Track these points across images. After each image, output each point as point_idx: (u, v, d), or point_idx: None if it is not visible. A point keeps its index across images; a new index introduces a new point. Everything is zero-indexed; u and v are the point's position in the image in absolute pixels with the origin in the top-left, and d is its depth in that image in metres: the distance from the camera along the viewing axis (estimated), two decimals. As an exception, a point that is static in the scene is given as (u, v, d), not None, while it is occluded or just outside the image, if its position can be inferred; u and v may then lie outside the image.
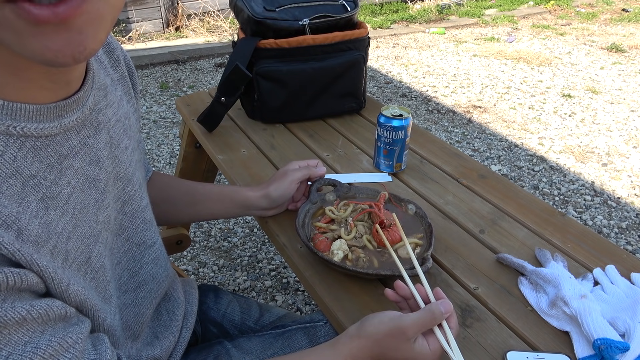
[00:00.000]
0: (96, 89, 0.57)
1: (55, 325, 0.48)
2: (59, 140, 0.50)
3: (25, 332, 0.45)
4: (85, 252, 0.54)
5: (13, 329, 0.44)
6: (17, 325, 0.44)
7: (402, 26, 4.92)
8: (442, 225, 0.94)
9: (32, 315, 0.45)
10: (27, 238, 0.46)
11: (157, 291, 0.71)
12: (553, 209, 0.99)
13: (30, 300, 0.46)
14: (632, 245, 2.04)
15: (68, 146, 0.51)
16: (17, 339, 0.44)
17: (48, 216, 0.48)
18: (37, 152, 0.48)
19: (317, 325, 0.88)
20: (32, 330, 0.45)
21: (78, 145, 0.53)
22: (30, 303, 0.45)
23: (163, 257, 0.73)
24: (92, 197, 0.56)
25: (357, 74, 1.29)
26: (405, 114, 1.05)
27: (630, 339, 0.67)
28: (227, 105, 1.23)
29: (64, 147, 0.51)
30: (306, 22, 1.22)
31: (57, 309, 0.48)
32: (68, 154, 0.51)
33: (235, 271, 1.92)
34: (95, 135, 0.56)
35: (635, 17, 5.14)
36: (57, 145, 0.50)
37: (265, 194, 0.90)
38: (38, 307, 0.45)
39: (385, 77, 3.68)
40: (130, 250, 0.66)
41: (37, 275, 0.46)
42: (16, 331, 0.44)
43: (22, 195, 0.46)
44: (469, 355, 0.68)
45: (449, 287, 0.80)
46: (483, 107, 3.21)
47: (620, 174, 2.50)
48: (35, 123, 0.47)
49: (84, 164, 0.54)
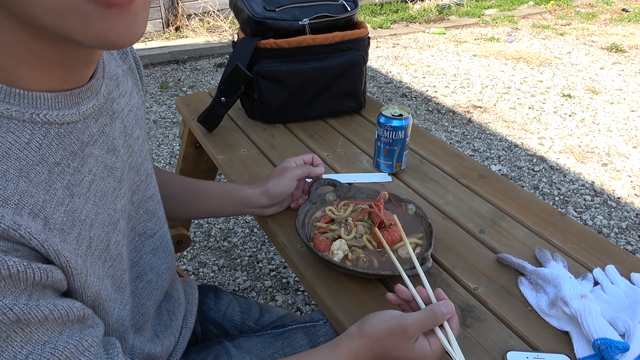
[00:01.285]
0: (108, 78, 0.58)
1: (72, 327, 0.48)
2: (80, 128, 0.51)
3: (44, 332, 0.45)
4: (105, 240, 0.55)
5: (34, 328, 0.44)
6: (39, 324, 0.44)
7: (402, 26, 4.93)
8: (442, 225, 0.94)
9: (53, 315, 0.45)
10: (53, 226, 0.46)
11: (157, 282, 0.71)
12: (553, 209, 0.99)
13: (53, 299, 0.46)
14: (632, 245, 2.04)
15: (88, 134, 0.53)
16: (37, 338, 0.44)
17: (73, 203, 0.49)
18: (61, 140, 0.48)
19: (316, 325, 0.88)
20: (52, 330, 0.45)
21: (97, 133, 0.54)
22: (53, 302, 0.45)
23: (163, 248, 0.72)
24: (111, 186, 0.57)
25: (357, 74, 1.29)
26: (405, 114, 1.05)
27: (630, 339, 0.67)
28: (227, 105, 1.23)
29: (85, 134, 0.52)
30: (306, 22, 1.22)
31: (76, 310, 0.48)
32: (89, 141, 0.53)
33: (235, 271, 1.92)
34: (111, 123, 0.57)
35: (635, 17, 5.14)
36: (78, 132, 0.51)
37: (264, 190, 0.90)
38: (60, 307, 0.46)
39: (385, 77, 3.68)
40: (133, 240, 0.66)
41: (61, 271, 0.47)
42: (37, 330, 0.44)
43: (49, 183, 0.47)
44: (469, 355, 0.68)
45: (449, 287, 0.80)
46: (483, 107, 3.21)
47: (620, 174, 2.50)
48: (55, 110, 0.47)
49: (103, 152, 0.55)
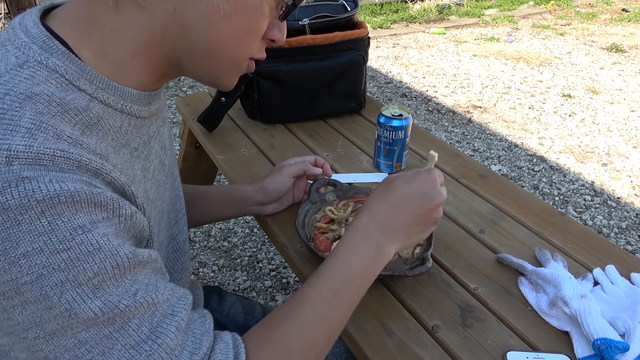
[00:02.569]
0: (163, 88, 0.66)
1: (161, 277, 0.53)
2: (148, 123, 0.60)
3: (146, 274, 0.50)
4: (157, 226, 0.61)
5: (139, 269, 0.49)
6: (143, 266, 0.49)
7: (402, 26, 4.92)
8: (442, 225, 0.94)
9: (152, 258, 0.51)
10: (138, 199, 0.53)
11: None
12: (553, 209, 0.99)
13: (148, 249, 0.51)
14: (632, 245, 2.04)
15: (153, 129, 0.62)
16: (141, 279, 0.49)
17: (145, 184, 0.58)
18: (138, 130, 0.58)
19: None
20: (150, 274, 0.50)
21: (156, 130, 0.63)
22: (149, 250, 0.51)
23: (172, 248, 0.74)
24: (162, 179, 0.65)
25: (357, 74, 1.29)
26: (405, 114, 1.05)
27: (630, 339, 0.67)
28: (227, 105, 1.23)
29: (151, 129, 0.61)
30: (306, 22, 1.22)
31: (161, 262, 0.54)
32: (153, 136, 0.62)
33: (235, 271, 1.92)
34: (163, 125, 0.66)
35: (635, 17, 5.14)
36: (147, 127, 0.60)
37: (260, 187, 0.91)
38: (153, 254, 0.51)
39: (385, 77, 3.68)
40: None
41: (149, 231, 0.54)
42: (140, 271, 0.49)
43: (131, 163, 0.55)
44: (469, 355, 0.68)
45: (449, 287, 0.80)
46: (483, 107, 3.21)
47: (620, 174, 2.50)
48: (136, 105, 0.56)
49: (159, 148, 0.64)
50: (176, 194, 0.75)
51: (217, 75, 0.58)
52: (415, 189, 0.66)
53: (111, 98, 0.52)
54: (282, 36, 0.60)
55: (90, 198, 0.44)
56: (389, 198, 0.66)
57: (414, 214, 0.65)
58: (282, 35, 0.60)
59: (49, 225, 0.42)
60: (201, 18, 0.51)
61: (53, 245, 0.42)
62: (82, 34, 0.51)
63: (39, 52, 0.48)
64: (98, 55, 0.51)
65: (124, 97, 0.54)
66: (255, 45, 0.57)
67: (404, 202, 0.65)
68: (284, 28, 0.60)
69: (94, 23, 0.50)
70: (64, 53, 0.49)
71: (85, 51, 0.51)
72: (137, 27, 0.51)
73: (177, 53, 0.54)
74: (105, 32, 0.51)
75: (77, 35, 0.51)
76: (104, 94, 0.51)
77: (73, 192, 0.43)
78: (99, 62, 0.51)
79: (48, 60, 0.48)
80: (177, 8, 0.50)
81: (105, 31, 0.51)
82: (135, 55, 0.53)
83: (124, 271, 0.47)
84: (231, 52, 0.55)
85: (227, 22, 0.52)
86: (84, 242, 0.44)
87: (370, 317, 0.74)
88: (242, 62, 0.58)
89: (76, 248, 0.43)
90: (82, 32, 0.51)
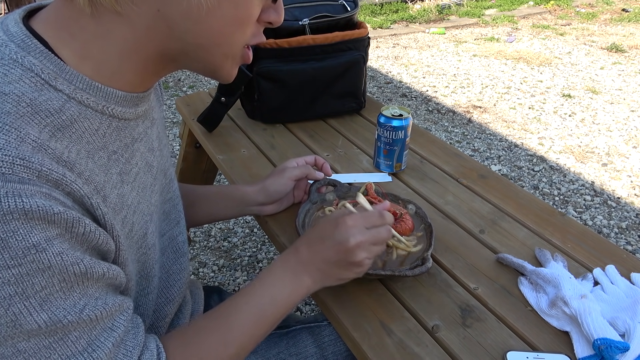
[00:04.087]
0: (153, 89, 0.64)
1: (114, 291, 0.54)
2: (132, 125, 0.58)
3: (97, 289, 0.50)
4: (143, 228, 0.61)
5: (91, 283, 0.49)
6: (95, 281, 0.49)
7: (402, 26, 4.92)
8: (442, 225, 0.94)
9: (107, 276, 0.50)
10: (109, 204, 0.53)
11: (168, 281, 0.73)
12: (553, 209, 0.99)
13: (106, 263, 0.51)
14: (632, 245, 2.04)
15: (137, 131, 0.60)
16: (91, 293, 0.49)
17: (123, 189, 0.56)
18: (119, 132, 0.56)
19: (321, 326, 0.89)
20: (102, 289, 0.51)
21: (143, 132, 0.61)
22: (108, 265, 0.51)
23: (172, 249, 0.74)
24: (149, 181, 0.64)
25: (357, 74, 1.29)
26: (405, 114, 1.05)
27: (630, 339, 0.67)
28: (227, 105, 1.23)
29: (135, 131, 0.59)
30: (306, 22, 1.22)
31: (122, 278, 0.54)
32: (137, 138, 0.60)
33: (235, 271, 1.92)
34: (151, 127, 0.65)
35: (635, 17, 5.14)
36: (131, 129, 0.58)
37: (261, 187, 0.91)
38: (113, 269, 0.51)
39: (385, 77, 3.68)
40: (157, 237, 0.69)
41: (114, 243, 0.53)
42: (92, 285, 0.49)
43: (107, 167, 0.54)
44: (469, 355, 0.68)
45: (449, 287, 0.80)
46: (483, 107, 3.21)
47: (620, 174, 2.50)
48: (120, 106, 0.55)
49: (145, 150, 0.62)
50: (172, 195, 0.75)
51: (213, 68, 0.57)
52: (323, 228, 0.69)
53: (91, 99, 0.51)
54: (278, 17, 0.58)
55: (44, 216, 0.43)
56: (309, 234, 0.70)
57: (326, 256, 0.67)
58: (278, 16, 0.58)
59: (2, 242, 0.42)
60: (185, 16, 0.50)
61: (4, 261, 0.42)
62: (63, 35, 0.50)
63: (15, 50, 0.47)
64: (80, 56, 0.50)
65: (106, 98, 0.52)
66: (248, 33, 0.56)
67: (314, 240, 0.69)
68: (280, 8, 0.58)
69: (76, 25, 0.49)
70: (42, 52, 0.48)
71: (67, 51, 0.50)
72: (119, 31, 0.50)
73: (170, 51, 0.53)
74: (88, 34, 0.50)
75: (58, 35, 0.50)
76: (83, 94, 0.50)
77: (28, 210, 0.42)
78: (81, 62, 0.50)
79: (24, 59, 0.47)
80: (160, 9, 0.49)
81: (87, 33, 0.50)
82: (122, 57, 0.52)
83: (72, 285, 0.47)
84: (223, 45, 0.54)
85: (213, 17, 0.51)
86: (35, 260, 0.43)
87: (370, 317, 0.74)
88: (236, 52, 0.57)
89: (27, 265, 0.43)
90: (64, 33, 0.50)
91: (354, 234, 0.66)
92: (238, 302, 0.64)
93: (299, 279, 0.67)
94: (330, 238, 0.67)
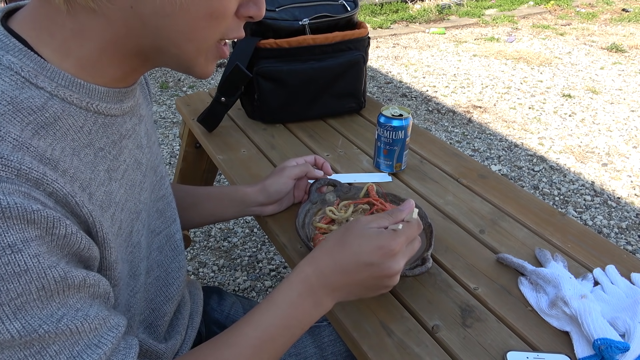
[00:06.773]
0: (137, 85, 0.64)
1: (100, 303, 0.51)
2: (119, 122, 0.58)
3: (78, 299, 0.47)
4: (130, 226, 0.60)
5: (71, 292, 0.46)
6: (75, 290, 0.47)
7: (402, 26, 4.92)
8: (442, 225, 0.94)
9: (87, 283, 0.48)
10: (95, 202, 0.52)
11: (166, 280, 0.72)
12: (553, 209, 0.99)
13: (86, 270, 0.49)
14: (632, 245, 2.04)
15: (125, 128, 0.59)
16: (71, 303, 0.46)
17: (110, 186, 0.56)
18: (105, 129, 0.55)
19: (321, 326, 0.88)
20: (84, 299, 0.48)
21: (131, 129, 0.61)
22: (86, 272, 0.48)
23: (170, 247, 0.74)
24: (138, 178, 0.63)
25: (357, 74, 1.29)
26: (405, 114, 1.05)
27: (630, 339, 0.67)
28: (227, 105, 1.23)
29: (123, 128, 0.59)
30: (306, 22, 1.22)
31: (104, 286, 0.51)
32: (125, 134, 0.59)
33: (235, 271, 1.92)
34: (139, 124, 0.64)
35: (635, 17, 5.14)
36: (118, 125, 0.58)
37: (261, 188, 0.91)
38: (92, 277, 0.49)
39: (385, 77, 3.68)
40: (145, 235, 0.68)
41: (98, 247, 0.51)
42: (72, 295, 0.46)
43: (94, 164, 0.53)
44: (469, 355, 0.68)
45: (449, 287, 0.80)
46: (483, 107, 3.21)
47: (620, 174, 2.50)
48: (104, 102, 0.54)
49: (133, 147, 0.62)
50: (165, 192, 0.74)
51: (187, 65, 0.56)
52: (367, 254, 0.61)
53: (74, 96, 0.50)
54: (259, 11, 0.56)
55: (23, 215, 0.41)
56: (338, 254, 0.62)
57: (359, 279, 0.62)
58: (259, 10, 0.56)
59: None
60: (158, 12, 0.49)
61: None
62: (42, 33, 0.49)
63: None
64: (61, 53, 0.50)
65: (90, 94, 0.52)
66: (222, 28, 0.54)
67: (351, 265, 0.61)
68: (260, 2, 0.56)
69: (54, 23, 0.49)
70: (21, 50, 0.48)
71: (47, 49, 0.49)
72: (97, 27, 0.49)
73: (143, 47, 0.53)
74: (66, 31, 0.49)
75: (37, 34, 0.49)
76: (65, 91, 0.50)
77: (5, 208, 0.40)
78: (63, 59, 0.50)
79: (2, 58, 0.47)
80: (133, 5, 0.49)
81: (65, 30, 0.49)
82: (102, 53, 0.51)
83: (51, 294, 0.44)
84: (195, 40, 0.53)
85: (186, 12, 0.50)
86: (11, 262, 0.41)
87: (370, 317, 0.74)
88: (209, 48, 0.56)
89: (2, 268, 0.41)
90: (43, 31, 0.49)
91: (398, 261, 0.62)
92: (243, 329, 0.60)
93: (320, 303, 0.62)
94: (368, 263, 0.61)
